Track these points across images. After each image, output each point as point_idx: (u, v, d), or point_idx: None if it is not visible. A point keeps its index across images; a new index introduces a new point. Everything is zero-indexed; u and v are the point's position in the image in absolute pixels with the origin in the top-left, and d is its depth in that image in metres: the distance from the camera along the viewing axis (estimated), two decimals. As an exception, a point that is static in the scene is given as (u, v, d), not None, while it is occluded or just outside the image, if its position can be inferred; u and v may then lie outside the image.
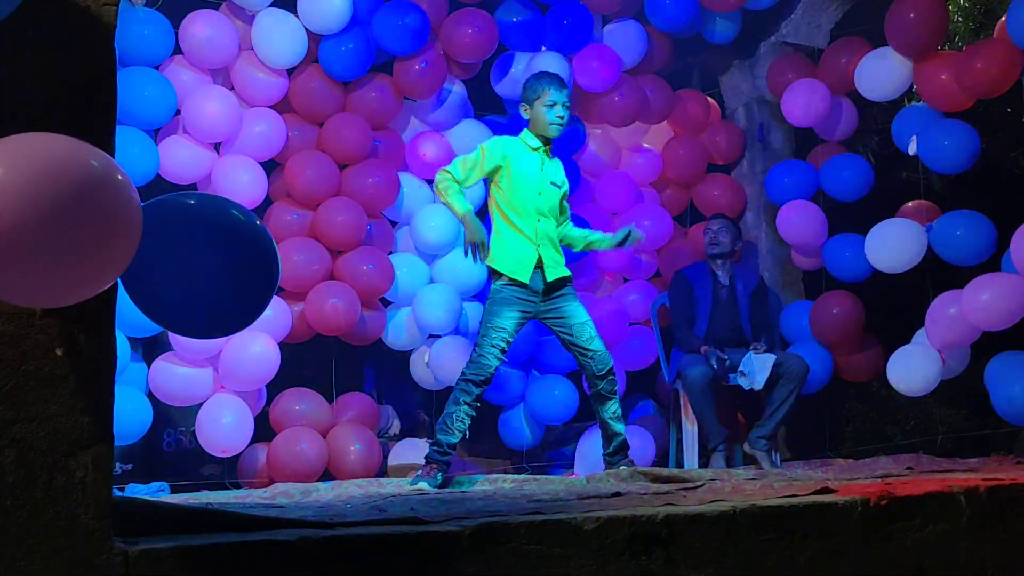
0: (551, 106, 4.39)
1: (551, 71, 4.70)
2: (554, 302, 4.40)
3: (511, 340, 4.33)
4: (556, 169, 4.56)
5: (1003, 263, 4.91)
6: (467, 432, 4.38)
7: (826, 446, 5.93)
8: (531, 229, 4.37)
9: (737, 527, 2.41)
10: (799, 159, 6.11)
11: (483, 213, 4.73)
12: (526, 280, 4.32)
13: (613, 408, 4.41)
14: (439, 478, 4.19)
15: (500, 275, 4.37)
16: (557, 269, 4.41)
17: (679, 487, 3.35)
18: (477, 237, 4.27)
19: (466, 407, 4.25)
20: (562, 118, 4.41)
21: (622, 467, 4.28)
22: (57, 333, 1.79)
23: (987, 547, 2.81)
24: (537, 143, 4.46)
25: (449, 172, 4.40)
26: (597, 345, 4.40)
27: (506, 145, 4.44)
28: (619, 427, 4.42)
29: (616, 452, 4.40)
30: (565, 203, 4.62)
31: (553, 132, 4.43)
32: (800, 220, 5.74)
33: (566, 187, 4.61)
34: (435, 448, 4.26)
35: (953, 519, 2.77)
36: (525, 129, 4.52)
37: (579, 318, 4.41)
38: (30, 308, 1.77)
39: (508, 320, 4.29)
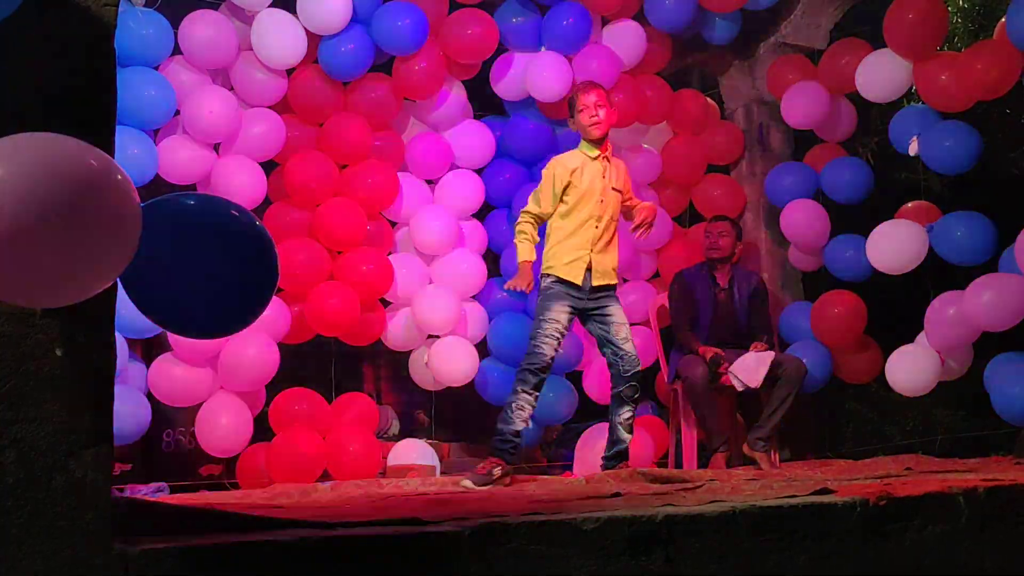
0: (583, 109, 4.47)
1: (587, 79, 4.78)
2: (598, 300, 4.50)
3: (565, 332, 4.45)
4: (619, 173, 4.64)
5: (1000, 263, 4.92)
6: (530, 421, 4.44)
7: (826, 446, 5.93)
8: (588, 235, 4.46)
9: (737, 527, 2.41)
10: (798, 160, 6.11)
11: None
12: (578, 283, 4.44)
13: (627, 416, 4.46)
14: (494, 474, 4.14)
15: (549, 274, 4.47)
16: (605, 276, 4.52)
17: (679, 488, 3.35)
18: (524, 287, 4.45)
19: (524, 395, 4.31)
20: (595, 116, 4.47)
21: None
22: (57, 333, 1.79)
23: (986, 548, 2.81)
24: (595, 151, 4.52)
25: (530, 213, 4.52)
26: (630, 348, 4.50)
27: (569, 160, 4.52)
28: (626, 435, 4.46)
29: (614, 458, 4.44)
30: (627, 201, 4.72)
31: (593, 134, 4.49)
32: (804, 219, 5.72)
33: (627, 186, 4.71)
34: (498, 439, 4.29)
35: (952, 520, 2.77)
36: (581, 140, 4.58)
37: (619, 318, 4.53)
38: (30, 308, 1.77)
39: (560, 312, 4.40)
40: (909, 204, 5.54)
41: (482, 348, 5.50)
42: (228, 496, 4.11)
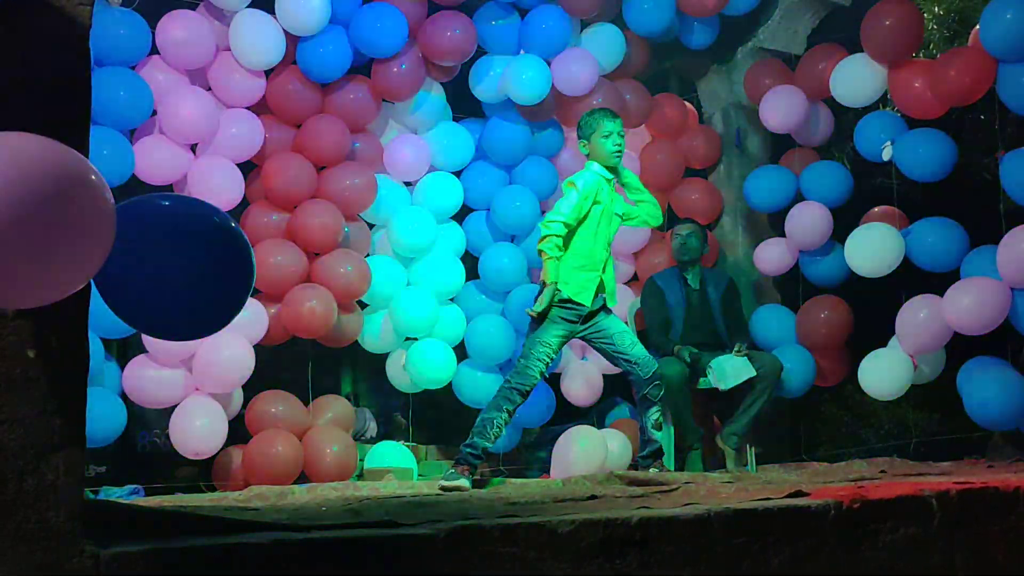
0: (607, 136, 4.47)
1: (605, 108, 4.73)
2: (593, 319, 4.50)
3: (555, 356, 4.47)
4: (619, 199, 4.66)
5: (964, 267, 4.98)
6: (499, 441, 4.47)
7: (801, 449, 5.97)
8: (599, 257, 4.46)
9: (711, 530, 2.42)
10: (775, 164, 6.15)
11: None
12: (588, 304, 4.42)
13: (656, 416, 4.51)
14: (471, 479, 4.20)
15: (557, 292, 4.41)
16: (612, 297, 4.55)
17: (654, 490, 3.36)
18: (542, 309, 4.34)
19: (506, 415, 4.33)
20: (619, 146, 4.50)
21: (651, 470, 4.39)
22: (29, 334, 1.78)
23: (958, 550, 2.83)
24: (609, 175, 4.54)
25: (554, 233, 4.35)
26: (640, 351, 4.53)
27: (596, 181, 4.47)
28: (657, 435, 4.53)
29: (650, 457, 4.52)
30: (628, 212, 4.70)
31: (614, 161, 4.51)
32: (810, 221, 5.72)
33: (625, 211, 4.70)
34: (469, 451, 4.27)
35: (924, 522, 2.79)
36: (589, 162, 4.55)
37: (617, 327, 4.55)
38: (2, 309, 1.75)
39: (553, 337, 4.38)
40: (876, 209, 5.59)
41: (460, 351, 5.50)
42: (203, 498, 4.09)
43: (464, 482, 4.10)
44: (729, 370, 5.02)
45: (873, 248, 5.31)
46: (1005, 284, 4.72)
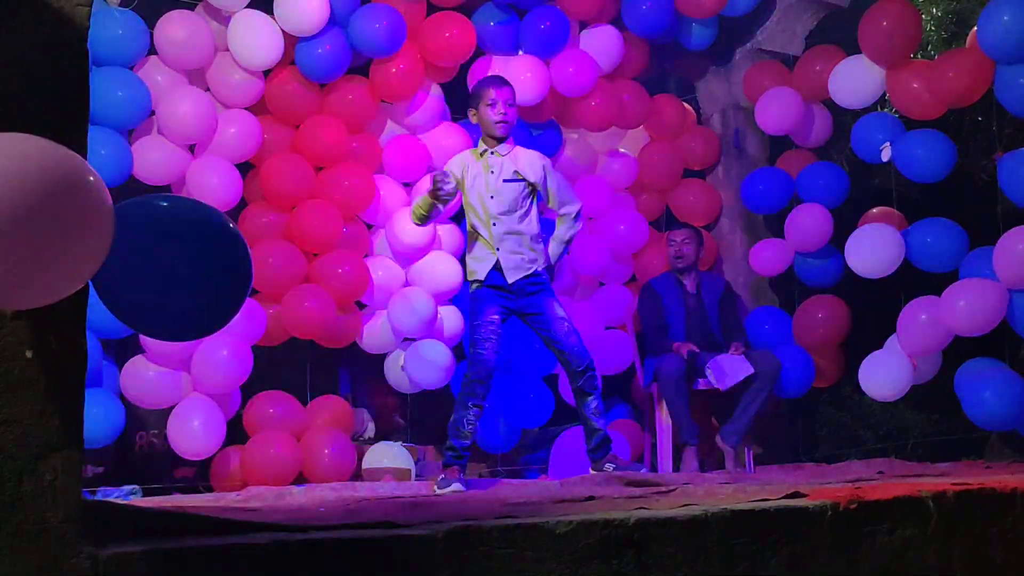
0: (492, 104, 4.44)
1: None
2: (529, 299, 4.45)
3: (499, 332, 4.37)
4: (516, 163, 4.52)
5: (963, 268, 4.99)
6: (476, 431, 4.40)
7: (799, 450, 5.97)
8: (488, 232, 4.44)
9: (708, 531, 2.42)
10: (774, 166, 6.16)
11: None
12: (482, 279, 4.42)
13: (593, 404, 4.42)
14: (464, 479, 4.20)
15: (472, 281, 4.50)
16: (517, 270, 4.44)
17: (652, 491, 3.36)
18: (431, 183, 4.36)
19: (474, 409, 4.28)
20: (504, 114, 4.44)
21: (607, 465, 4.31)
22: (27, 335, 1.78)
23: (956, 551, 2.83)
24: (483, 147, 4.51)
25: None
26: (574, 342, 4.43)
27: (457, 161, 4.54)
28: (598, 423, 4.43)
29: (597, 448, 4.42)
30: (551, 189, 4.57)
31: (499, 131, 4.46)
32: (810, 224, 5.72)
33: (538, 173, 4.54)
34: (451, 454, 4.27)
35: (922, 523, 2.79)
36: (480, 139, 4.57)
37: (553, 313, 4.45)
38: (0, 310, 1.75)
39: (490, 313, 4.36)
40: (874, 210, 5.60)
41: (458, 351, 5.50)
42: (201, 499, 4.09)
43: (457, 485, 4.10)
44: (728, 369, 5.02)
45: (874, 249, 5.31)
46: (1002, 285, 4.73)
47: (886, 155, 5.37)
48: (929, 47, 6.21)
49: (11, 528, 1.71)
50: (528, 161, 4.57)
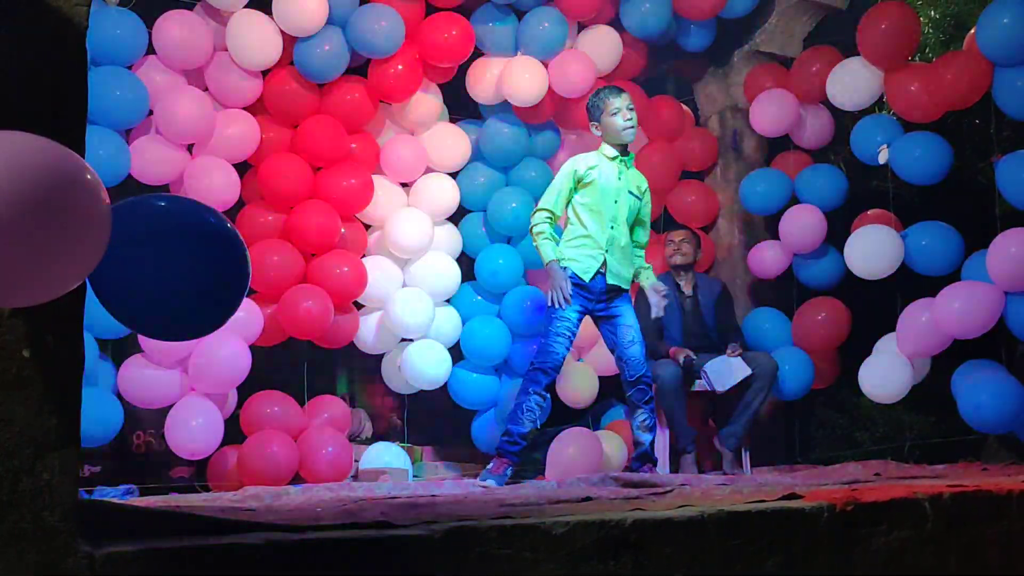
0: (616, 113, 4.49)
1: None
2: (608, 303, 4.55)
3: (575, 331, 4.48)
4: (637, 180, 4.66)
5: (964, 271, 4.99)
6: (538, 422, 4.50)
7: (796, 452, 5.98)
8: (602, 235, 4.49)
9: (705, 532, 2.43)
10: (771, 167, 6.16)
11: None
12: (587, 281, 4.46)
13: (642, 418, 4.53)
14: (508, 473, 4.23)
15: (564, 269, 4.48)
16: (619, 277, 4.56)
17: (649, 492, 3.36)
18: (561, 282, 4.41)
19: (536, 396, 4.37)
20: (629, 120, 4.51)
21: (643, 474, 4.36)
22: (24, 334, 1.77)
23: (951, 553, 2.84)
24: (614, 152, 4.55)
25: (547, 210, 4.51)
26: (635, 352, 4.54)
27: (586, 158, 4.57)
28: (644, 437, 4.53)
29: (638, 460, 4.53)
30: (644, 216, 4.73)
31: (627, 137, 4.52)
32: (803, 225, 5.71)
33: (646, 198, 4.72)
34: (506, 439, 4.32)
35: (918, 525, 2.80)
36: (603, 143, 4.61)
37: (628, 320, 4.58)
38: (-3, 309, 1.75)
39: (571, 311, 4.43)
40: (869, 213, 5.60)
41: (455, 352, 5.50)
42: (198, 499, 4.08)
43: (492, 482, 4.12)
44: (725, 371, 5.02)
45: (874, 250, 5.31)
46: (997, 288, 4.73)
47: (883, 157, 5.37)
48: (927, 50, 6.21)
49: (8, 527, 1.71)
50: (641, 182, 4.68)
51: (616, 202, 4.52)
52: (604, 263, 4.50)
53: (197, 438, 4.66)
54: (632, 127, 4.53)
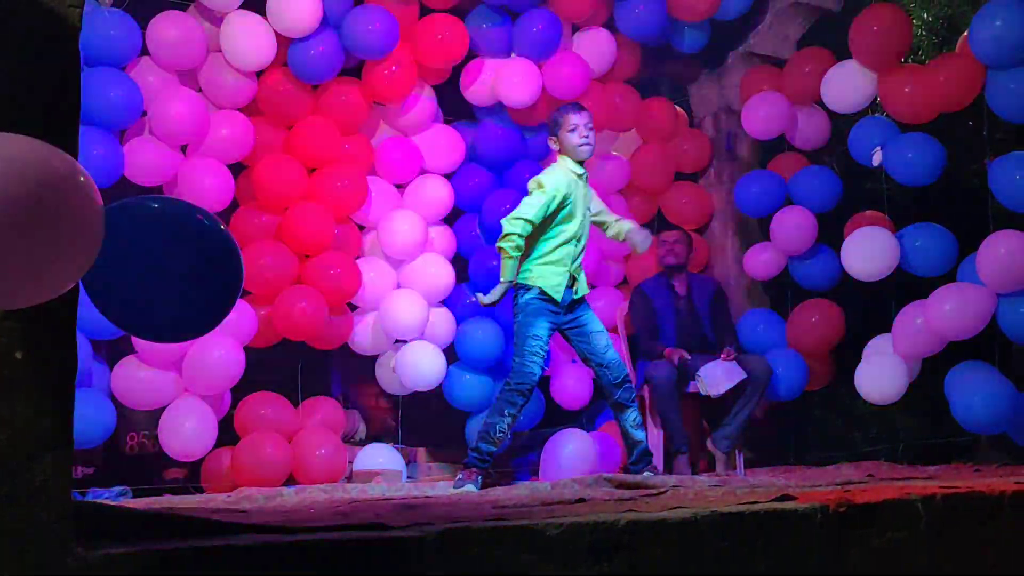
0: (573, 129, 4.43)
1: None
2: (573, 314, 4.51)
3: (547, 348, 4.44)
4: (589, 195, 4.64)
5: (959, 273, 5.00)
6: (506, 440, 4.47)
7: (791, 453, 5.98)
8: (568, 253, 4.45)
9: (698, 533, 2.43)
10: (765, 169, 6.17)
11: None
12: (558, 299, 4.42)
13: (632, 416, 4.49)
14: (480, 481, 4.22)
15: (529, 288, 4.41)
16: (582, 287, 4.54)
17: (643, 494, 3.37)
18: (490, 303, 4.40)
19: (509, 418, 4.33)
20: (586, 138, 4.45)
21: (646, 474, 4.34)
22: (17, 335, 1.77)
23: (944, 554, 2.84)
24: (581, 169, 4.52)
25: (531, 223, 4.33)
26: (612, 355, 4.50)
27: (562, 178, 4.43)
28: (640, 435, 4.49)
29: (639, 461, 4.48)
30: (599, 210, 4.71)
31: (582, 153, 4.46)
32: (794, 226, 5.72)
33: (595, 205, 4.70)
34: (475, 455, 4.30)
35: (911, 526, 2.80)
36: (561, 157, 4.51)
37: (595, 327, 4.53)
38: (-10, 310, 1.75)
39: (541, 329, 4.39)
40: (863, 214, 5.60)
41: (449, 353, 5.50)
42: (192, 500, 4.08)
43: (471, 487, 4.12)
44: (720, 375, 5.03)
45: (871, 253, 5.32)
46: (988, 289, 4.74)
47: (877, 159, 5.39)
48: (920, 52, 6.23)
49: (1, 528, 1.71)
50: (589, 195, 4.65)
51: (582, 220, 4.51)
52: (571, 279, 4.47)
53: (191, 439, 4.65)
54: (589, 145, 4.46)
